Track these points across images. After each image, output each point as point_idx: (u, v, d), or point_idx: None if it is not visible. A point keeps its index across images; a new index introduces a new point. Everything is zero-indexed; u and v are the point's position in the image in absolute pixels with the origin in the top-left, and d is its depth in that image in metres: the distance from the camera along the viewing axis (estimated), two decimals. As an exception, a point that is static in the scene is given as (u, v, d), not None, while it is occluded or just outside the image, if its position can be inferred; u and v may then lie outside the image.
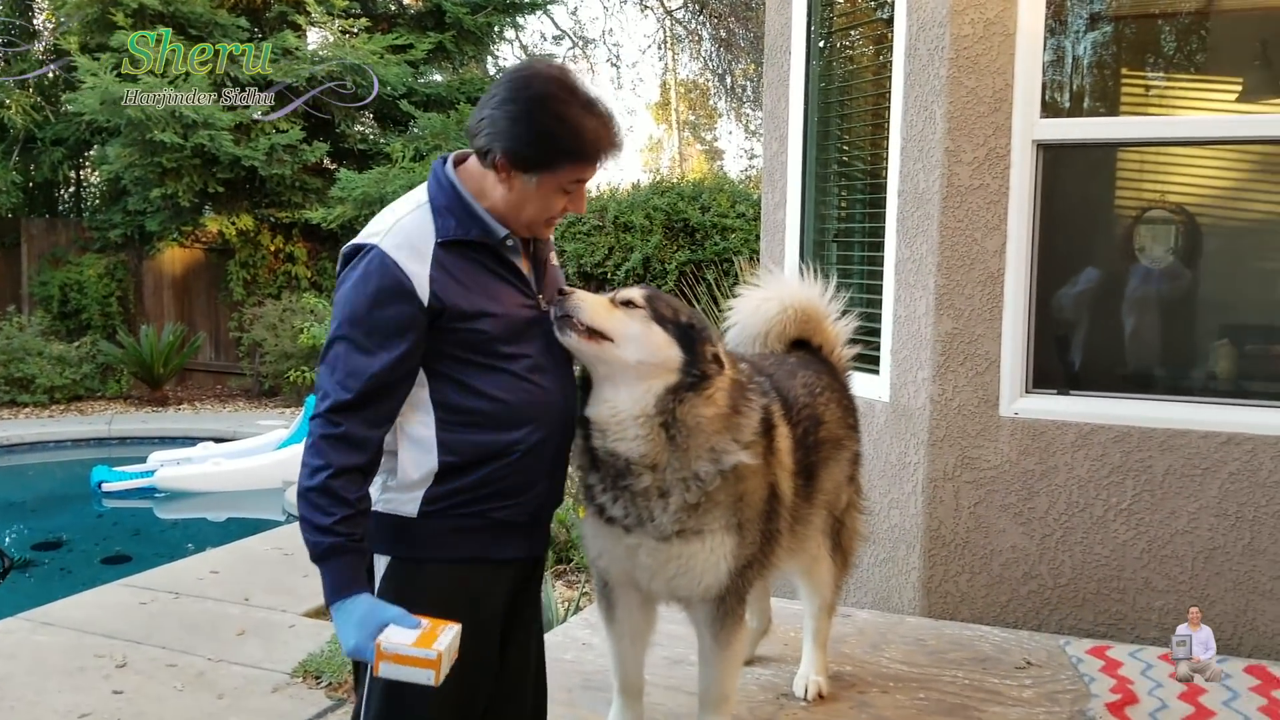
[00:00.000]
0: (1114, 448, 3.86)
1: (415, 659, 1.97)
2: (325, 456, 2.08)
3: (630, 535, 2.50)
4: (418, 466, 2.22)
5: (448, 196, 2.24)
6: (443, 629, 2.03)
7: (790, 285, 3.38)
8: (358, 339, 2.13)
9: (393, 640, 1.99)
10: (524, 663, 2.48)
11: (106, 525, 8.86)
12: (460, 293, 2.17)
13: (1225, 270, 4.19)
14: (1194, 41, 4.26)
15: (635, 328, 2.40)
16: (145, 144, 12.02)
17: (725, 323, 3.37)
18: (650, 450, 2.39)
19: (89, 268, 13.69)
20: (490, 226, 2.24)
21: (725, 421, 2.46)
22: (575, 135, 2.17)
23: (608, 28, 26.47)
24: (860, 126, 4.76)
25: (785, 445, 2.73)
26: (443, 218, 2.22)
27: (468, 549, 2.26)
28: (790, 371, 3.08)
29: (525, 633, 2.48)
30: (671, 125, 27.39)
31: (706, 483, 2.44)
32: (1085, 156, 4.12)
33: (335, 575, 2.08)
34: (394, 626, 2.02)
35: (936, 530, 4.10)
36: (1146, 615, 3.87)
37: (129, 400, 13.03)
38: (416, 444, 2.23)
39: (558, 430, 2.33)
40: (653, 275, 11.17)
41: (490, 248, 2.26)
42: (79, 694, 4.49)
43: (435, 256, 2.17)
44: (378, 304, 2.12)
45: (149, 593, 5.84)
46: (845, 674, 3.44)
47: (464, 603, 2.21)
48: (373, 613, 2.06)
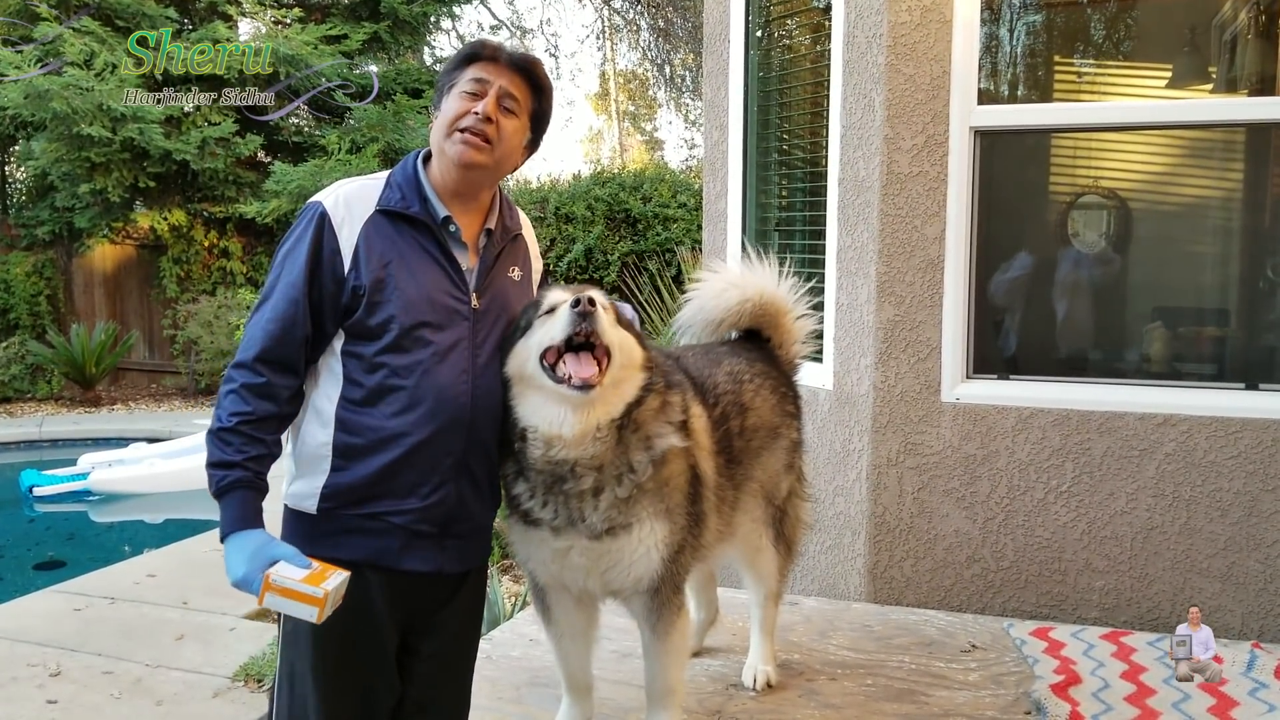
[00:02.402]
0: (1053, 431, 3.91)
1: (301, 594, 2.01)
2: (246, 402, 2.14)
3: (559, 538, 2.46)
4: (314, 438, 2.25)
5: (406, 176, 2.31)
6: (332, 572, 2.08)
7: (756, 277, 3.31)
8: (279, 293, 2.20)
9: (282, 574, 2.03)
10: (440, 676, 2.44)
11: (39, 530, 8.65)
12: (380, 262, 2.21)
13: (1157, 254, 4.26)
14: (1124, 29, 4.32)
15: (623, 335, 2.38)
16: (73, 138, 11.73)
17: (682, 303, 3.33)
18: (601, 451, 2.36)
19: (16, 266, 13.33)
20: (434, 206, 2.27)
21: (662, 406, 2.46)
22: (455, 57, 2.34)
23: (545, 18, 26.37)
24: (800, 115, 4.77)
25: (701, 424, 2.71)
26: (391, 190, 2.28)
27: (364, 551, 2.24)
28: (714, 359, 3.07)
29: (444, 644, 2.43)
30: (611, 116, 27.32)
31: (639, 473, 2.41)
32: (1021, 143, 4.17)
33: (236, 508, 2.12)
34: (285, 563, 2.06)
35: (881, 516, 4.12)
36: (1087, 596, 3.93)
37: (60, 401, 12.72)
38: (318, 416, 2.25)
39: (459, 433, 2.27)
40: (595, 266, 11.14)
41: (431, 231, 2.26)
42: (11, 704, 4.37)
43: (369, 222, 2.23)
44: (300, 260, 2.20)
45: (84, 599, 5.71)
46: (793, 662, 3.44)
47: (356, 605, 2.17)
48: (266, 547, 2.09)
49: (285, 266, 2.22)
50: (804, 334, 3.39)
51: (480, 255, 2.34)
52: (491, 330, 2.33)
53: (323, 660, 2.25)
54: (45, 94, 11.26)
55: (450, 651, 2.46)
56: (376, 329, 2.20)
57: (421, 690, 2.41)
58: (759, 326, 3.31)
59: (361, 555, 2.23)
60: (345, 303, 2.21)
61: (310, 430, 2.26)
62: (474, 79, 2.27)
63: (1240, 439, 3.72)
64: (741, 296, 3.24)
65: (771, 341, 3.32)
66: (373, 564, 2.24)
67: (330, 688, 2.26)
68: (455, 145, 2.25)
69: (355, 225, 2.22)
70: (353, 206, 2.24)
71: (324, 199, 2.25)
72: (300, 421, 2.28)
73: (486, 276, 2.34)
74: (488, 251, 2.35)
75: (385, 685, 2.33)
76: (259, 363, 2.17)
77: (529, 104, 2.35)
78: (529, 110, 2.35)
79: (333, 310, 2.22)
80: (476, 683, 3.28)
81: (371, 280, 2.19)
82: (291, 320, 2.18)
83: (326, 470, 2.23)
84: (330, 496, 2.23)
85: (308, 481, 2.25)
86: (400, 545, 2.27)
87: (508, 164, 2.35)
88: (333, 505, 2.23)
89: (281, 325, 2.18)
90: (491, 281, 2.36)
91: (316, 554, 2.13)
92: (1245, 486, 3.73)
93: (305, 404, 2.27)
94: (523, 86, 2.32)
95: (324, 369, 2.27)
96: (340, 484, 2.23)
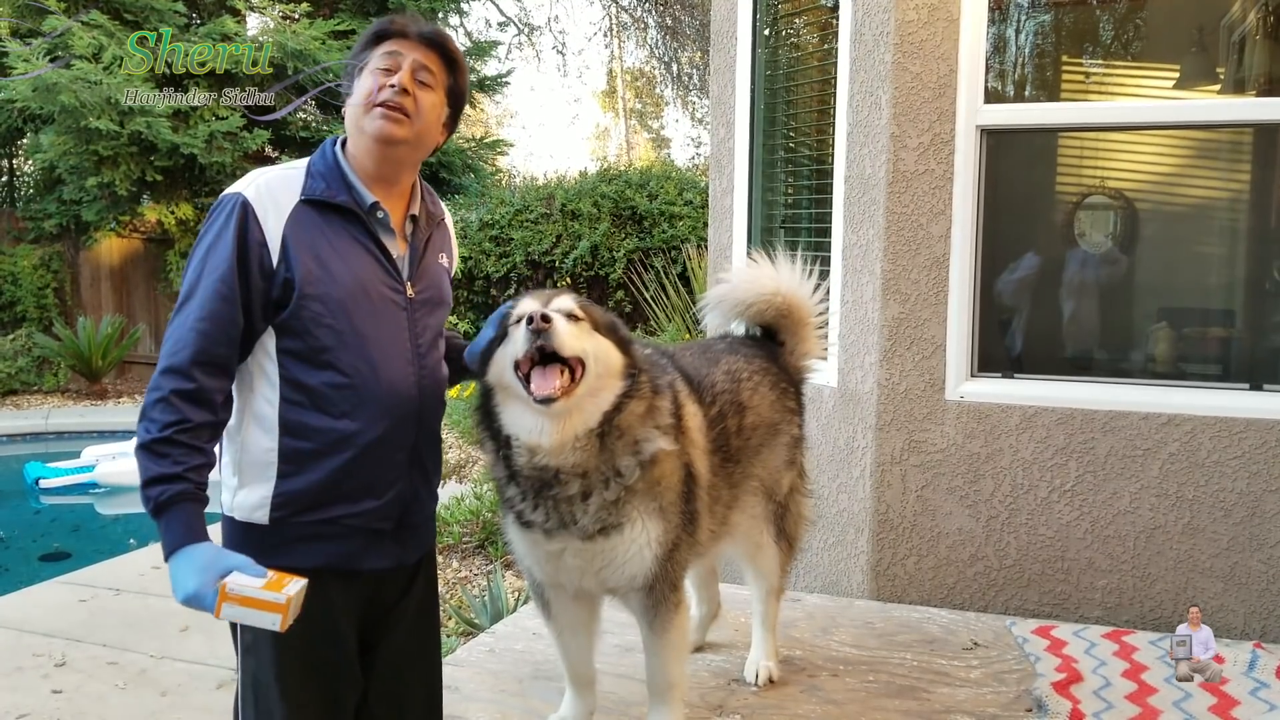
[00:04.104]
0: (1057, 430, 3.91)
1: (263, 601, 1.91)
2: (178, 410, 2.01)
3: (552, 540, 2.47)
4: (257, 446, 2.16)
5: (326, 164, 2.24)
6: (289, 580, 1.97)
7: (792, 277, 3.32)
8: (205, 289, 2.07)
9: (239, 582, 1.93)
10: (404, 666, 2.42)
11: (44, 522, 8.67)
12: (310, 254, 2.12)
13: (1163, 254, 4.26)
14: (1132, 28, 4.32)
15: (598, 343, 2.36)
16: (80, 132, 11.73)
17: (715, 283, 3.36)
18: (584, 459, 2.37)
19: (23, 259, 13.35)
20: (360, 193, 2.21)
21: (648, 411, 2.45)
22: (370, 29, 2.27)
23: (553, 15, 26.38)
24: (807, 112, 4.77)
25: (695, 423, 2.71)
26: (314, 179, 2.20)
27: (323, 557, 2.18)
28: (711, 358, 3.08)
29: (405, 634, 2.41)
30: (618, 113, 27.32)
31: (626, 477, 2.42)
32: (1027, 142, 4.17)
33: (182, 523, 1.99)
34: (238, 573, 1.96)
35: (884, 514, 4.13)
36: (1090, 595, 3.93)
37: (67, 394, 12.73)
38: (259, 421, 2.16)
39: (409, 426, 2.25)
40: (601, 264, 11.15)
41: (359, 218, 2.20)
42: (16, 694, 4.38)
43: (294, 213, 2.14)
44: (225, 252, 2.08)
45: (89, 590, 5.73)
46: (795, 658, 3.45)
47: (319, 611, 2.11)
48: (217, 559, 1.98)
49: (209, 261, 2.09)
50: (819, 348, 3.41)
51: (409, 242, 2.28)
52: (428, 318, 2.30)
53: (287, 669, 2.19)
54: (53, 87, 11.27)
55: (411, 641, 2.44)
56: (311, 324, 2.12)
57: (389, 684, 2.39)
58: (778, 328, 3.33)
59: (321, 561, 2.18)
60: (276, 297, 2.11)
61: (253, 437, 2.16)
62: (386, 53, 2.22)
63: (1244, 439, 3.72)
64: (775, 289, 3.26)
65: (785, 346, 3.33)
66: (333, 569, 2.20)
67: (296, 697, 2.21)
68: (374, 121, 2.18)
69: (281, 215, 2.13)
70: (276, 195, 2.15)
71: (243, 189, 2.14)
72: (237, 428, 2.18)
73: (419, 264, 2.29)
74: (416, 238, 2.30)
75: (350, 686, 2.31)
76: (193, 366, 2.03)
77: (444, 79, 2.28)
78: (444, 85, 2.29)
79: (262, 305, 2.11)
80: (480, 676, 3.31)
81: (302, 273, 2.10)
82: (224, 317, 2.07)
83: (274, 477, 2.15)
84: (282, 505, 2.15)
85: (254, 490, 2.16)
86: (360, 548, 2.23)
87: (428, 139, 2.27)
88: (286, 513, 2.16)
89: (214, 323, 2.06)
90: (425, 269, 2.31)
91: (273, 565, 2.06)
92: (1248, 487, 3.73)
93: (242, 409, 2.18)
94: (436, 60, 2.26)
95: (256, 370, 2.17)
96: (291, 490, 2.15)
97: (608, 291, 11.12)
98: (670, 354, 2.90)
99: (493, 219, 11.54)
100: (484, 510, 6.40)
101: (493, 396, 2.39)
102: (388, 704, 2.40)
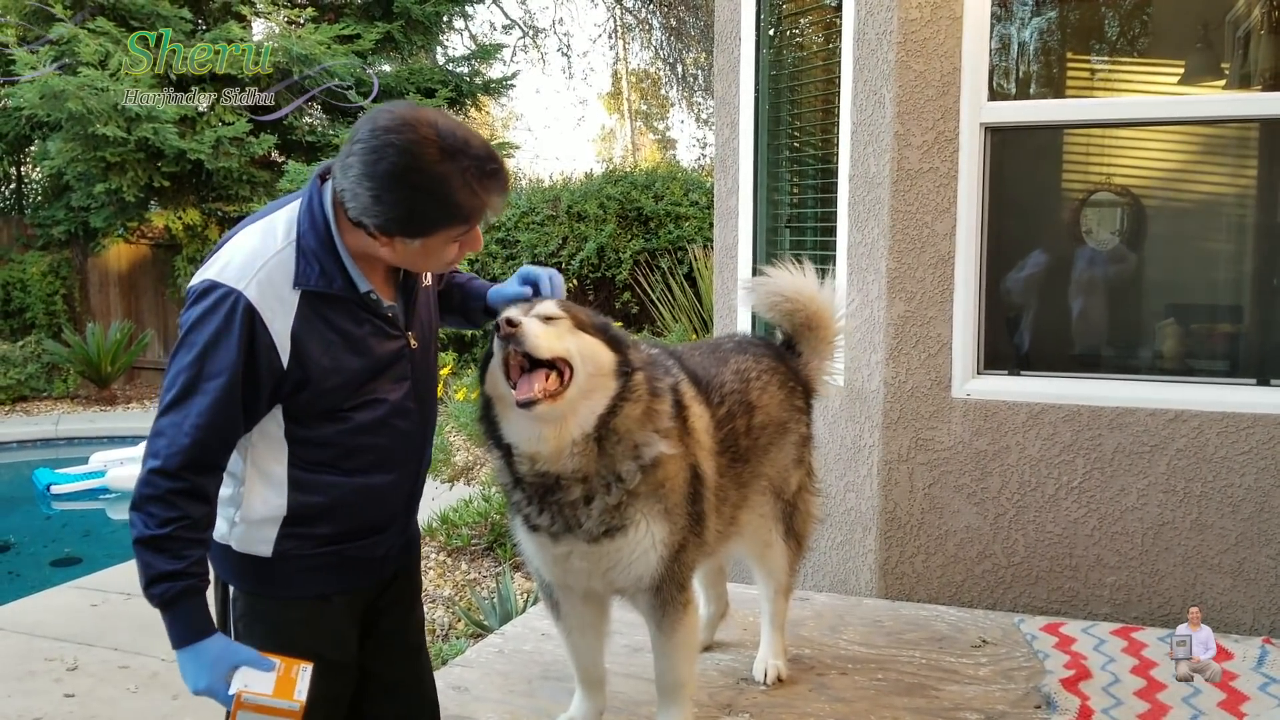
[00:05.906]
0: (1064, 427, 3.91)
1: (277, 709, 1.98)
2: (177, 508, 1.97)
3: (558, 543, 2.49)
4: (266, 504, 2.14)
5: (319, 239, 2.07)
6: (298, 670, 2.03)
7: (828, 291, 3.37)
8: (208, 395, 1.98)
9: (253, 690, 1.99)
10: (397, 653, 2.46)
11: (55, 527, 8.71)
12: (321, 348, 2.06)
13: (1169, 250, 4.25)
14: (1137, 24, 4.31)
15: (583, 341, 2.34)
16: (88, 138, 11.77)
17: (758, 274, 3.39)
18: (583, 464, 2.38)
19: (32, 266, 13.41)
20: (355, 281, 2.11)
21: (646, 413, 2.44)
22: (443, 204, 2.00)
23: (558, 17, 26.28)
24: (811, 111, 4.77)
25: (701, 425, 2.71)
26: (307, 262, 2.05)
27: (324, 585, 2.23)
28: (720, 358, 3.08)
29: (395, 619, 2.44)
30: (624, 115, 27.34)
31: (628, 481, 2.42)
32: (1032, 139, 4.16)
33: (189, 617, 2.01)
34: (248, 669, 2.02)
35: (892, 512, 4.13)
36: (1098, 591, 3.93)
37: (76, 400, 12.79)
38: (266, 479, 2.14)
39: (413, 468, 2.31)
40: (607, 265, 11.16)
41: (357, 300, 2.13)
42: (29, 698, 4.41)
43: (299, 309, 2.04)
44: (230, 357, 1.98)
45: (100, 594, 5.75)
46: (804, 657, 3.46)
47: (319, 631, 2.20)
48: (226, 654, 2.03)
49: (209, 363, 1.98)
50: (830, 367, 3.44)
51: (398, 289, 2.24)
52: (426, 355, 2.32)
53: None
54: (61, 94, 11.32)
55: (400, 627, 2.47)
56: (328, 406, 2.11)
57: (384, 668, 2.42)
58: (799, 337, 3.36)
59: (326, 589, 2.23)
60: (286, 391, 2.07)
61: (259, 494, 2.14)
62: (464, 233, 2.09)
63: (1252, 434, 3.71)
64: (811, 295, 3.31)
65: (802, 357, 3.35)
66: (335, 592, 2.25)
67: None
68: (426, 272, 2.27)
69: (288, 314, 2.03)
70: (279, 290, 2.02)
71: (242, 288, 1.99)
72: (240, 476, 2.15)
73: (412, 311, 2.27)
74: (405, 283, 2.25)
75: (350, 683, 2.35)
76: (188, 470, 1.97)
77: None
78: None
79: (269, 398, 2.07)
80: (489, 677, 3.32)
81: (316, 372, 2.06)
82: (225, 424, 2.00)
83: (280, 523, 2.15)
84: (286, 541, 2.16)
85: (258, 530, 2.16)
86: (362, 572, 2.29)
87: None
88: (289, 548, 2.17)
89: (213, 431, 1.99)
90: (417, 312, 2.29)
91: (274, 593, 2.09)
92: (1256, 482, 3.73)
93: (245, 462, 2.14)
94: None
95: (259, 436, 2.12)
96: (298, 533, 2.17)
97: (614, 292, 11.14)
98: (678, 354, 2.89)
99: (499, 221, 11.57)
100: (492, 512, 6.42)
101: (493, 406, 2.41)
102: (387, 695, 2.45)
